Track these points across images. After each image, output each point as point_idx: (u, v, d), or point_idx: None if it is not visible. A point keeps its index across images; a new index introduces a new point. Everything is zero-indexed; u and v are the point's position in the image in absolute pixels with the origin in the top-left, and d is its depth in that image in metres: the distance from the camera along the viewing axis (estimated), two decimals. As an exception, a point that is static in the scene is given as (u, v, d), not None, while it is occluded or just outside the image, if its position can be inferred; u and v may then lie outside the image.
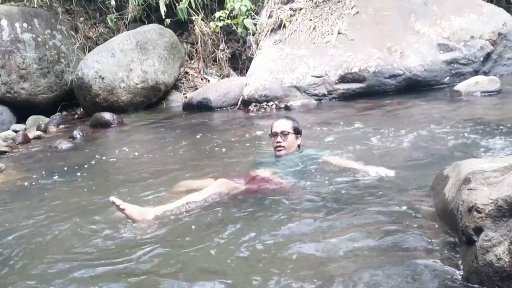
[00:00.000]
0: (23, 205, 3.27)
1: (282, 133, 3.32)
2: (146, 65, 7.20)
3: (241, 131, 5.05)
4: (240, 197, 2.85)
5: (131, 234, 2.49)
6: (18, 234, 2.70)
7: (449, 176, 2.27)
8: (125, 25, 8.51)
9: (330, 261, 1.99)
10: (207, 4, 8.08)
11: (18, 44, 7.22)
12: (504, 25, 6.29)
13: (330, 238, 2.20)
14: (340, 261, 1.98)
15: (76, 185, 3.66)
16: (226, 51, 8.11)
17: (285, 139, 3.32)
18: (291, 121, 3.42)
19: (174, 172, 3.63)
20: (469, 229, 1.73)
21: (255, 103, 6.25)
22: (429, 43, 6.17)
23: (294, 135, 3.37)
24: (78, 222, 2.79)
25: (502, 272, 1.55)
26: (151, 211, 2.68)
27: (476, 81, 5.44)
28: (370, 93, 6.01)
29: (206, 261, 2.11)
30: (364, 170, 3.01)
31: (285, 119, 3.47)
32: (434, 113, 4.75)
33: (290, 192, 2.86)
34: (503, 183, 1.70)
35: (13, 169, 4.43)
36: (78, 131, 5.76)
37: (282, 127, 3.35)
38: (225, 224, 2.48)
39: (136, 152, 4.62)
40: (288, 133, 3.33)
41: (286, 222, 2.41)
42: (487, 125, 3.90)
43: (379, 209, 2.44)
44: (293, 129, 3.36)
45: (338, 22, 6.62)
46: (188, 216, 2.65)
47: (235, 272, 1.99)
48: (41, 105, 7.50)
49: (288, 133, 3.33)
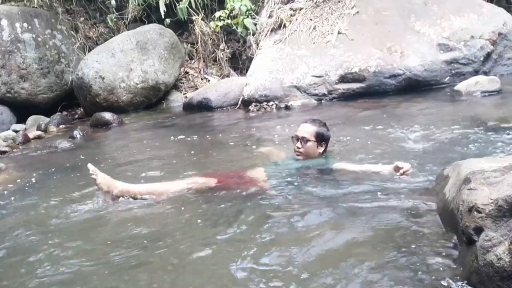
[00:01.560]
0: (23, 205, 3.27)
1: (302, 138, 3.22)
2: (146, 65, 7.20)
3: (241, 131, 5.05)
4: (209, 194, 2.93)
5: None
6: (18, 234, 2.70)
7: (449, 176, 2.27)
8: (125, 25, 8.51)
9: (330, 261, 1.99)
10: (207, 4, 8.07)
11: (18, 44, 7.22)
12: (504, 25, 6.29)
13: (330, 238, 2.20)
14: (340, 261, 1.98)
15: (76, 185, 3.66)
16: (226, 51, 8.11)
17: (304, 145, 3.21)
18: (316, 127, 3.25)
19: (174, 171, 3.63)
20: (469, 229, 1.73)
21: (255, 103, 6.25)
22: (429, 43, 6.16)
23: (316, 142, 3.22)
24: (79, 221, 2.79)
25: (503, 272, 1.56)
26: (119, 185, 2.94)
27: (476, 81, 5.44)
28: (370, 93, 6.01)
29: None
30: (378, 171, 2.91)
31: (310, 124, 3.29)
32: (434, 113, 4.75)
33: (268, 193, 2.87)
34: (503, 183, 1.70)
35: (13, 169, 4.43)
36: (78, 131, 5.75)
37: (303, 133, 3.23)
38: (176, 217, 2.65)
39: (136, 152, 4.62)
40: (307, 140, 3.21)
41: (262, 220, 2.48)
42: (487, 125, 3.90)
43: (379, 209, 2.45)
44: (315, 136, 3.21)
45: (338, 22, 6.62)
46: (149, 203, 2.87)
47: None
48: (41, 105, 7.50)
49: (307, 140, 3.21)
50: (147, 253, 2.26)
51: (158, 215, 2.77)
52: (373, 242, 2.10)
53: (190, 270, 2.06)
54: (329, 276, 1.87)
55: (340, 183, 2.93)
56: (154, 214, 2.79)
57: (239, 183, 3.03)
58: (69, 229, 2.72)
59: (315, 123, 3.30)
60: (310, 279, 1.86)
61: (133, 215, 2.79)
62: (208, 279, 1.97)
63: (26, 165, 4.61)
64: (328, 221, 2.37)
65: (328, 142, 3.35)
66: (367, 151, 3.62)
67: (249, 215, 2.56)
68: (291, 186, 2.94)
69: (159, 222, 2.67)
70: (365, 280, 1.81)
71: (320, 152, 3.28)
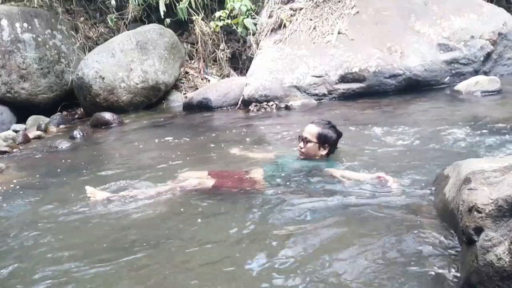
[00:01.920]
0: (23, 205, 3.27)
1: (305, 139, 3.27)
2: (146, 65, 7.20)
3: (241, 131, 5.05)
4: (201, 194, 2.96)
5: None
6: (18, 234, 2.70)
7: (450, 176, 2.27)
8: (125, 25, 8.51)
9: (330, 260, 1.99)
10: (207, 4, 8.07)
11: (18, 44, 7.22)
12: (504, 25, 6.29)
13: (328, 237, 2.20)
14: (339, 261, 1.98)
15: (76, 185, 3.66)
16: (226, 51, 8.11)
17: (305, 145, 3.27)
18: (319, 128, 3.27)
19: (174, 171, 3.63)
20: (469, 229, 1.73)
21: (255, 103, 6.25)
22: (429, 43, 6.17)
23: (317, 144, 3.25)
24: (79, 222, 2.79)
25: (503, 272, 1.55)
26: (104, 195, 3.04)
27: (476, 81, 5.44)
28: (370, 93, 6.01)
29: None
30: (363, 181, 2.87)
31: (315, 125, 3.31)
32: (434, 113, 4.75)
33: (265, 193, 2.89)
34: (503, 183, 1.70)
35: (13, 169, 4.43)
36: (78, 131, 5.75)
37: (306, 133, 3.28)
38: (175, 217, 2.68)
39: (136, 152, 4.62)
40: (309, 141, 3.25)
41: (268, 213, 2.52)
42: (487, 125, 3.90)
43: (379, 209, 2.45)
44: (317, 138, 3.24)
45: (338, 22, 6.62)
46: (148, 204, 2.90)
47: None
48: (41, 105, 7.50)
49: (309, 141, 3.25)
50: (147, 254, 2.27)
51: (156, 216, 2.76)
52: (373, 242, 2.10)
53: (190, 271, 2.06)
54: (329, 276, 1.87)
55: (339, 183, 2.92)
56: (152, 215, 2.78)
57: (237, 184, 3.05)
58: (69, 229, 2.72)
59: (320, 125, 3.31)
60: (309, 278, 1.86)
61: (132, 215, 2.79)
62: (208, 278, 1.97)
63: (26, 165, 4.61)
64: (326, 221, 2.38)
65: (334, 144, 3.35)
66: (367, 151, 3.62)
67: (245, 215, 2.57)
68: (288, 187, 2.95)
69: (158, 223, 2.67)
70: (365, 279, 1.81)
71: (323, 154, 3.29)
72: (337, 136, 3.35)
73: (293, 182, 3.01)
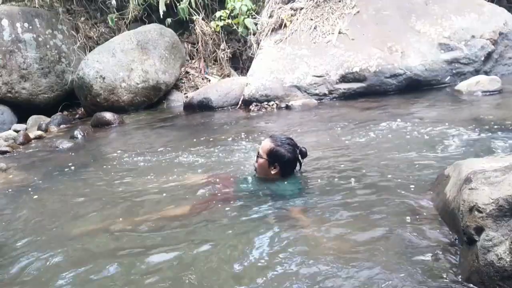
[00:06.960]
0: (23, 205, 3.27)
1: (258, 153, 2.96)
2: (147, 64, 7.20)
3: (242, 130, 5.04)
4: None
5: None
6: (17, 234, 2.71)
7: (450, 176, 2.27)
8: (125, 24, 8.51)
9: (328, 260, 1.99)
10: (208, 3, 8.08)
11: (19, 44, 7.23)
12: (505, 24, 6.28)
13: (327, 236, 2.20)
14: (337, 261, 1.98)
15: (76, 185, 3.67)
16: (227, 51, 8.11)
17: (257, 160, 2.96)
18: (272, 145, 2.88)
19: (175, 171, 3.63)
20: (470, 228, 1.73)
21: (256, 103, 6.25)
22: (430, 42, 6.16)
23: (267, 161, 2.89)
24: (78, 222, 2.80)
25: (503, 271, 1.55)
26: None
27: (477, 81, 5.43)
28: (371, 92, 6.00)
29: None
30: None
31: (269, 141, 2.93)
32: (434, 112, 4.75)
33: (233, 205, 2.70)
34: (504, 183, 1.70)
35: (14, 169, 4.43)
36: (79, 131, 5.76)
37: (260, 148, 2.96)
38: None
39: (137, 152, 4.62)
40: (260, 156, 2.92)
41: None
42: (488, 124, 3.90)
43: (379, 209, 2.45)
44: (267, 155, 2.88)
45: (338, 21, 6.62)
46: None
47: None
48: (42, 105, 7.51)
49: (260, 157, 2.92)
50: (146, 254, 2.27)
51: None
52: (372, 242, 2.10)
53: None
54: (328, 275, 1.87)
55: (338, 183, 2.92)
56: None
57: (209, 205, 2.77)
58: (69, 229, 2.72)
59: (275, 140, 2.92)
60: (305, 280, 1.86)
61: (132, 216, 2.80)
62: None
63: (27, 165, 4.61)
64: (326, 221, 2.37)
65: (287, 166, 2.94)
66: (367, 151, 3.62)
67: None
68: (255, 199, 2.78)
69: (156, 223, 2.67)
70: (364, 279, 1.81)
71: (273, 173, 2.92)
72: (292, 156, 2.92)
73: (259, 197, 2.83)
